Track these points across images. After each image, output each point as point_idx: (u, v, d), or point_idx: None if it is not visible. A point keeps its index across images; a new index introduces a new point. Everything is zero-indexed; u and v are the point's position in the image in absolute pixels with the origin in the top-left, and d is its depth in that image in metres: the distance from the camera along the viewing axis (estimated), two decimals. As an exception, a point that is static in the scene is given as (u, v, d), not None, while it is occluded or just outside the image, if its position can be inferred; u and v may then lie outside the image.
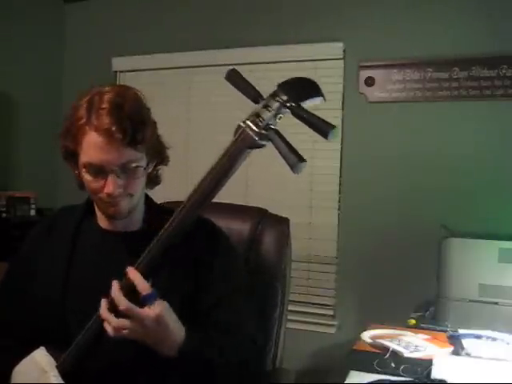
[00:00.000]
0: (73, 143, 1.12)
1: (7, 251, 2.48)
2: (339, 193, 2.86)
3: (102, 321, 1.00)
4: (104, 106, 1.08)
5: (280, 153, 0.97)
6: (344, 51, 2.84)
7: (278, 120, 0.98)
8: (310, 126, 0.97)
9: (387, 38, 2.73)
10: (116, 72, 3.42)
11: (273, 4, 2.99)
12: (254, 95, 1.02)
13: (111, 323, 0.98)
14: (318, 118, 0.96)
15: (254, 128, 0.97)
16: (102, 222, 1.23)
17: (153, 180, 1.25)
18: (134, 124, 1.08)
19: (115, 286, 1.00)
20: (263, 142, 0.98)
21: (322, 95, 1.04)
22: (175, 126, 3.13)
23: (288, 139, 0.98)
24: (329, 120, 0.97)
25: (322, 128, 0.96)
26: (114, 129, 1.06)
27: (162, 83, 3.23)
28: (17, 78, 3.17)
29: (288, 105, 0.97)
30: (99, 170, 1.09)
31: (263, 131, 0.97)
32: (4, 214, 2.92)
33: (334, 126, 0.96)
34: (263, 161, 2.86)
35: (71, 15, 3.54)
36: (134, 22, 3.32)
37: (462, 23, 2.60)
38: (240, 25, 3.04)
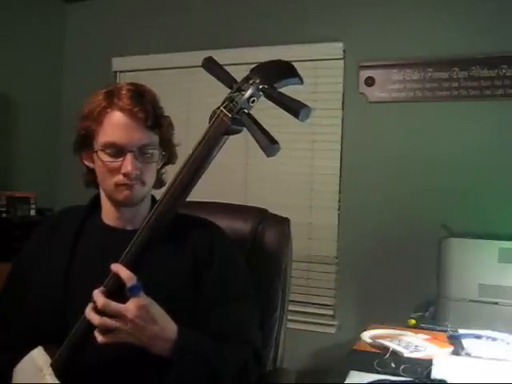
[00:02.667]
0: (94, 123, 1.14)
1: (7, 251, 2.50)
2: (339, 193, 2.86)
3: (88, 323, 0.99)
4: (124, 92, 1.14)
5: (253, 136, 0.96)
6: (344, 51, 2.84)
7: (251, 104, 0.98)
8: (282, 108, 0.96)
9: (387, 38, 2.73)
10: (116, 72, 3.42)
11: (273, 4, 2.99)
12: (229, 81, 1.02)
13: (94, 322, 0.97)
14: (291, 98, 0.95)
15: (227, 113, 0.97)
16: (107, 218, 1.23)
17: (159, 179, 1.26)
18: (155, 108, 1.15)
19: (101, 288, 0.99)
20: (238, 128, 0.99)
21: (299, 76, 1.02)
22: (175, 125, 3.12)
23: (262, 123, 0.97)
24: (329, 120, 0.97)
25: (294, 108, 0.94)
26: (136, 109, 1.11)
27: (162, 83, 3.22)
28: (17, 78, 3.17)
29: (261, 87, 0.97)
30: (119, 150, 1.12)
31: (236, 116, 0.97)
32: (4, 214, 2.92)
33: (305, 105, 0.95)
34: (263, 161, 2.87)
35: (71, 15, 3.54)
36: (133, 22, 3.33)
37: (461, 23, 2.60)
38: (240, 25, 3.05)
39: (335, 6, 2.85)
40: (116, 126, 1.12)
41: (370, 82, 2.78)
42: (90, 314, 0.98)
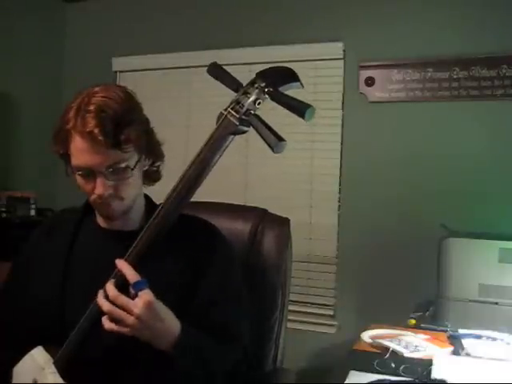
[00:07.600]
0: (62, 148, 1.14)
1: (7, 251, 2.50)
2: (339, 193, 2.86)
3: (97, 313, 1.02)
4: (90, 108, 1.09)
5: (260, 135, 1.00)
6: (344, 51, 2.84)
7: (257, 105, 1.02)
8: (287, 108, 1.00)
9: (387, 38, 2.73)
10: (116, 72, 3.42)
11: (273, 4, 2.99)
12: (234, 85, 1.06)
13: (104, 308, 1.00)
14: (295, 100, 1.00)
15: (235, 114, 1.01)
16: (101, 221, 1.24)
17: (152, 176, 1.25)
18: (117, 125, 1.08)
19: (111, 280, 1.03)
20: (244, 128, 1.02)
21: (299, 81, 1.07)
22: (175, 126, 3.13)
23: (268, 123, 1.01)
24: (329, 120, 0.98)
25: (299, 109, 0.99)
26: (96, 131, 1.06)
27: (162, 83, 3.23)
28: (17, 77, 3.17)
29: (266, 90, 1.01)
30: (88, 173, 1.11)
31: (243, 116, 1.01)
32: (4, 214, 2.92)
33: (309, 105, 0.99)
34: (263, 161, 2.87)
35: (71, 15, 3.54)
36: (134, 22, 3.32)
37: (462, 23, 2.60)
38: (240, 25, 3.05)
39: (335, 6, 2.85)
40: (79, 151, 1.09)
41: (370, 82, 2.78)
42: (100, 299, 1.01)
